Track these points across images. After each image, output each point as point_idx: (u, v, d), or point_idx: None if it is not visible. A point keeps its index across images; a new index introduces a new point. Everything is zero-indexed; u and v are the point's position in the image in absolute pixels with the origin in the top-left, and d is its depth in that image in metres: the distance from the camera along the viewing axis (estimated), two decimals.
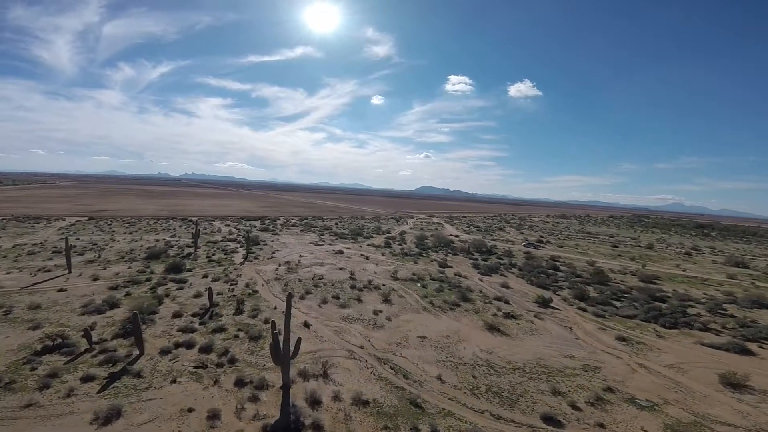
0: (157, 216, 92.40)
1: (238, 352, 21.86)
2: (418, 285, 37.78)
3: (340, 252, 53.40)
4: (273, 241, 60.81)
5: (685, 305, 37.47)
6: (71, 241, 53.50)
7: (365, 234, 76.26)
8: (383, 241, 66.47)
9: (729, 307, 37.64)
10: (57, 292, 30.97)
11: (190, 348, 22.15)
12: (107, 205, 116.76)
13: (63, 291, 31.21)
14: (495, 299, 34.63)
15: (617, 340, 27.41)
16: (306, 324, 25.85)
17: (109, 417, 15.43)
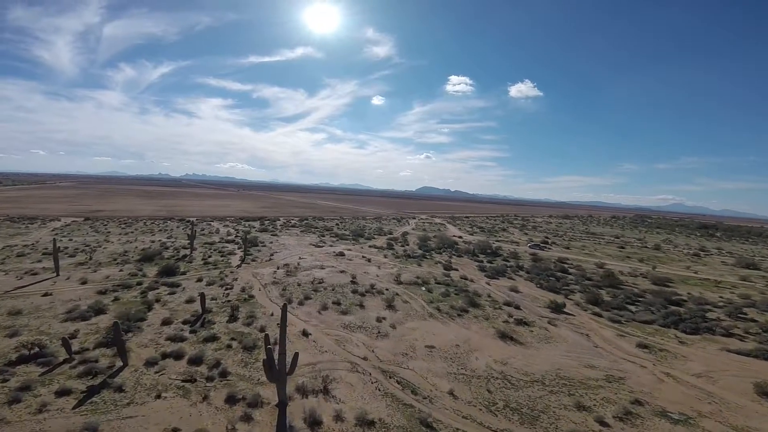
0: (155, 216, 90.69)
1: (230, 364, 20.09)
2: (423, 289, 35.93)
3: (341, 254, 51.59)
4: (272, 243, 59.04)
5: (704, 309, 35.85)
6: (64, 243, 51.88)
7: (367, 235, 74.44)
8: (385, 243, 64.65)
9: (749, 311, 35.88)
10: (41, 296, 29.23)
11: (178, 359, 20.41)
12: (105, 206, 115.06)
13: (48, 295, 29.48)
14: (505, 304, 32.81)
15: (638, 347, 25.73)
16: (305, 333, 24.00)
17: None
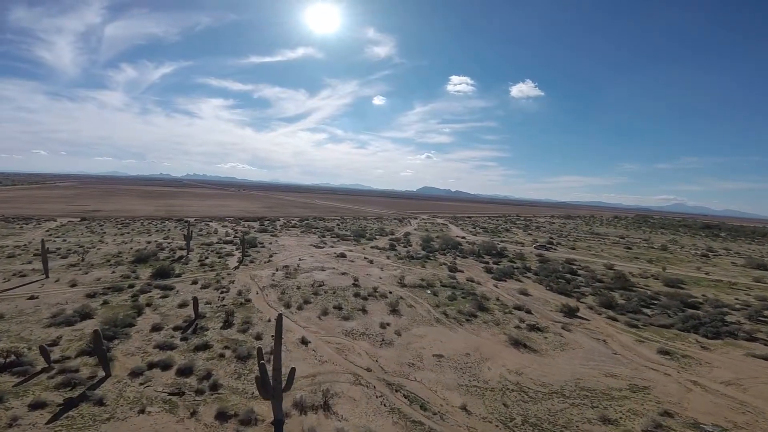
0: (153, 217, 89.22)
1: (222, 375, 18.53)
2: (428, 292, 34.27)
3: (342, 255, 50.00)
4: (271, 243, 57.48)
5: (722, 312, 34.26)
6: (57, 243, 50.47)
7: (368, 235, 72.82)
8: (387, 243, 63.03)
9: None
10: (27, 299, 27.72)
11: (166, 369, 18.85)
12: (104, 206, 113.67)
13: (34, 298, 27.96)
14: (515, 308, 31.14)
15: (659, 353, 24.22)
16: (304, 341, 22.37)
17: None
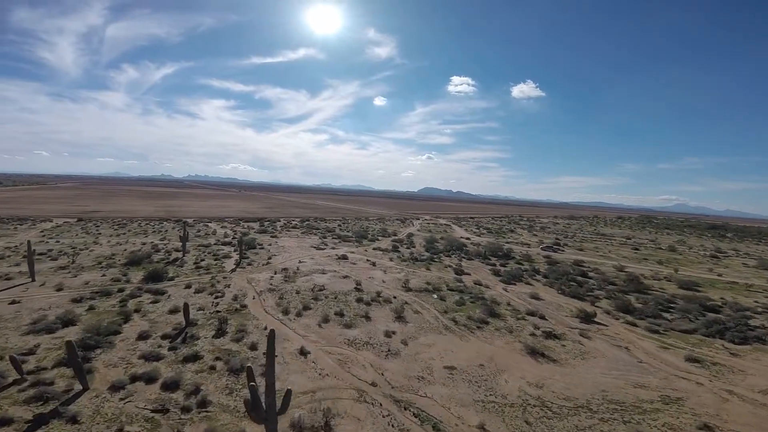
0: (151, 217, 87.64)
1: (212, 390, 16.77)
2: (434, 297, 32.40)
3: (343, 257, 48.19)
4: (271, 245, 55.72)
5: (745, 316, 32.53)
6: (50, 245, 48.88)
7: (370, 236, 71.06)
8: (390, 245, 61.23)
9: None
10: (8, 304, 26.01)
11: (150, 382, 17.12)
12: (103, 207, 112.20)
13: (15, 303, 26.26)
14: (528, 314, 29.27)
15: (687, 361, 22.55)
16: (303, 351, 20.53)
17: None
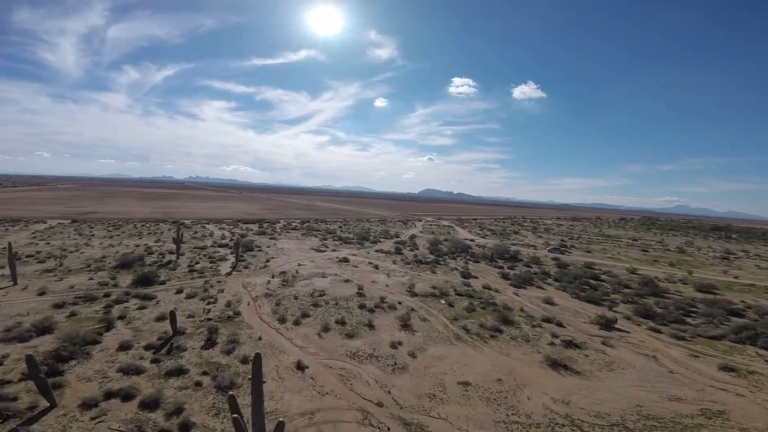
0: (148, 219, 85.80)
1: (196, 410, 14.80)
2: (442, 302, 30.33)
3: (344, 260, 46.15)
4: (269, 247, 53.73)
5: None
6: (40, 246, 47.06)
7: (372, 238, 69.01)
8: (393, 247, 59.17)
9: None
10: None
11: (127, 400, 15.21)
12: (101, 208, 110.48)
13: None
14: (544, 321, 27.22)
15: (721, 370, 20.78)
16: (300, 365, 18.50)
17: None
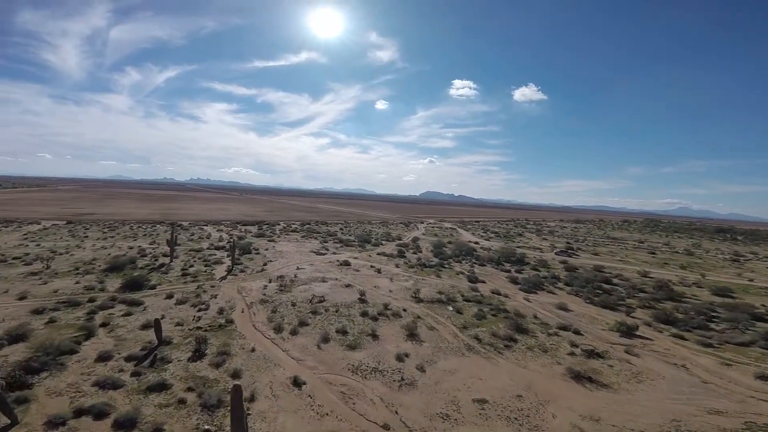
0: (145, 220, 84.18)
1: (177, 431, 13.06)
2: (450, 309, 28.40)
3: (345, 263, 44.30)
4: (267, 249, 51.94)
5: None
6: (29, 248, 45.39)
7: (374, 241, 67.22)
8: (395, 249, 57.35)
9: None
10: None
11: (100, 418, 13.40)
12: (100, 209, 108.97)
13: None
14: (560, 328, 25.29)
15: (758, 379, 19.06)
16: (297, 381, 16.58)
17: None
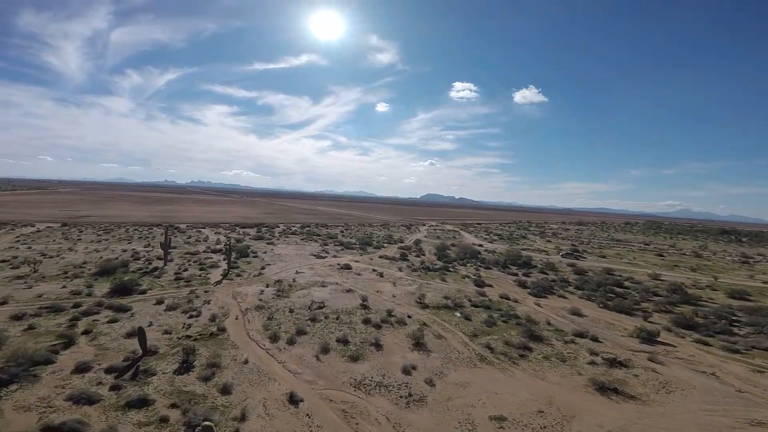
0: (142, 223, 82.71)
1: None
2: (457, 315, 26.68)
3: (346, 266, 42.63)
4: (266, 252, 50.37)
5: None
6: (20, 251, 43.89)
7: (375, 243, 65.62)
8: (397, 252, 55.66)
9: None
10: None
11: None
12: (97, 211, 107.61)
13: None
14: (576, 335, 23.60)
15: None
16: (293, 398, 14.93)
17: None
